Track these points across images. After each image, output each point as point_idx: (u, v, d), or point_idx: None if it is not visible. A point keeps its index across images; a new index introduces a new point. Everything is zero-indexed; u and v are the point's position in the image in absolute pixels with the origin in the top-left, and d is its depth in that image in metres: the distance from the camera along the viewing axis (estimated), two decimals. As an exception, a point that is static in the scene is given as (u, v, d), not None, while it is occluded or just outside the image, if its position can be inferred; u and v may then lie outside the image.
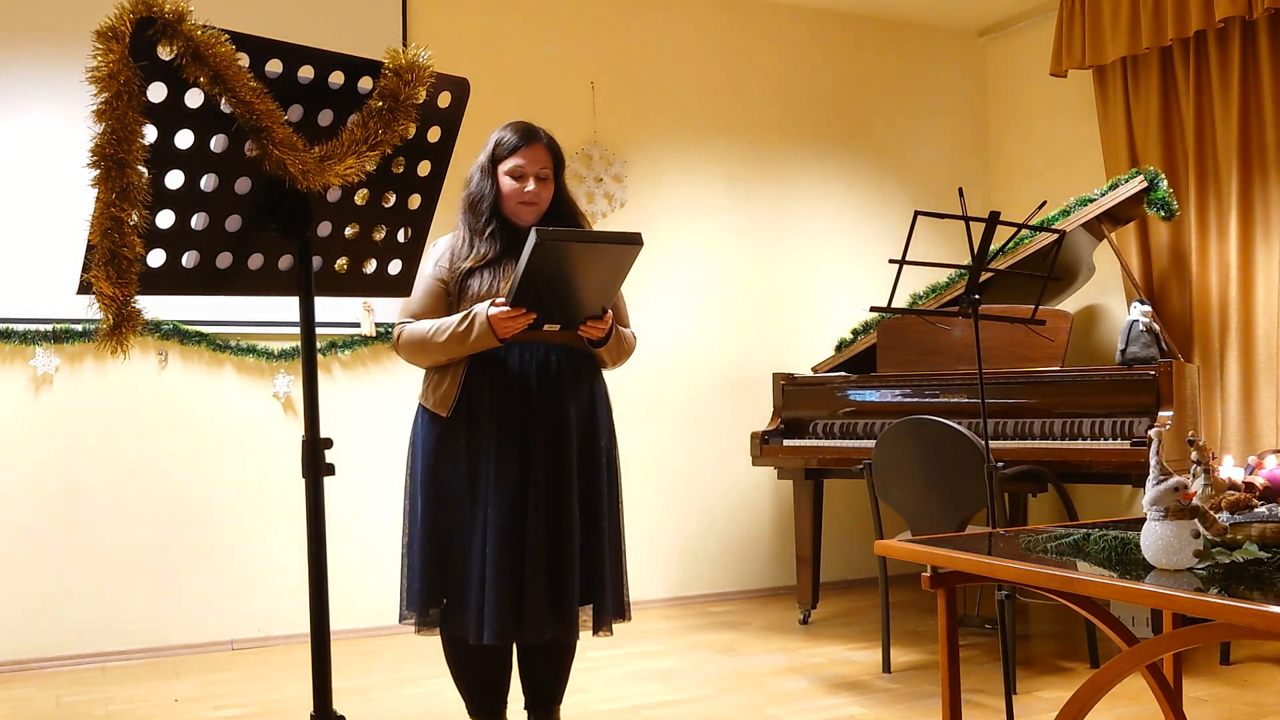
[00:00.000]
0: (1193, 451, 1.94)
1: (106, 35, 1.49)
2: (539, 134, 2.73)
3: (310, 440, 1.74)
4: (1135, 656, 1.88)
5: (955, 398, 4.06)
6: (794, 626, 4.50)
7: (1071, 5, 5.06)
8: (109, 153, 1.51)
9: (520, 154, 2.68)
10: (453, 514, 2.64)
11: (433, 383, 2.71)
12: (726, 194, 5.32)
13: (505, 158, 2.70)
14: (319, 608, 1.74)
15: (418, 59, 1.77)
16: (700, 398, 5.19)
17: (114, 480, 4.19)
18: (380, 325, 4.56)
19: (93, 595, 4.13)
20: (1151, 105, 4.89)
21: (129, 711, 3.46)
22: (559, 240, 2.43)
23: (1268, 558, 1.76)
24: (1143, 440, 3.57)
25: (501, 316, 2.53)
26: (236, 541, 4.34)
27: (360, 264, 1.90)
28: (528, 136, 2.71)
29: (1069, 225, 4.16)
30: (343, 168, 1.70)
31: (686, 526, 5.13)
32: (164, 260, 1.66)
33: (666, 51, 5.22)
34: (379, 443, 4.49)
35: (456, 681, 2.79)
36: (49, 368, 4.10)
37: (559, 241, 2.43)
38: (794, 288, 5.44)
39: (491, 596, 2.55)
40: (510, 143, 2.70)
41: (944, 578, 2.06)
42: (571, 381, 2.70)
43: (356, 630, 4.42)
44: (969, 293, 3.07)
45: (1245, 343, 4.53)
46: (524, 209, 2.70)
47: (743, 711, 3.31)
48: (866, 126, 5.68)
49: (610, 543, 2.72)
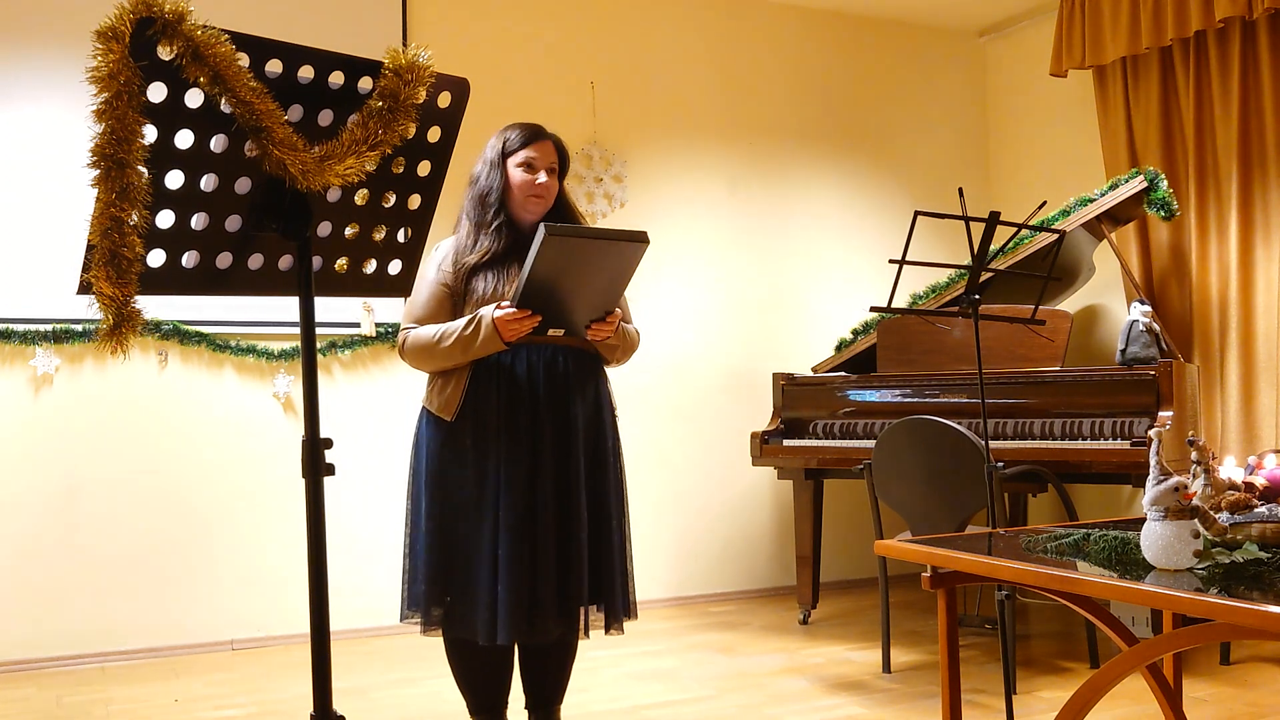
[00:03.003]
0: (1193, 451, 1.94)
1: (106, 35, 1.49)
2: (547, 132, 2.78)
3: (310, 440, 1.74)
4: (1135, 656, 1.88)
5: (955, 398, 4.06)
6: (794, 626, 4.50)
7: (1071, 5, 5.06)
8: (109, 153, 1.51)
9: (532, 147, 2.72)
10: (458, 516, 2.64)
11: (436, 386, 2.71)
12: (726, 194, 5.32)
13: (516, 150, 2.72)
14: (319, 608, 1.74)
15: (418, 59, 1.77)
16: (700, 398, 5.19)
17: (114, 480, 4.19)
18: (380, 325, 4.56)
19: (93, 595, 4.13)
20: (1151, 105, 4.89)
21: (129, 711, 3.46)
22: (567, 235, 2.44)
23: (1268, 558, 1.76)
24: (1143, 440, 3.57)
25: (507, 319, 2.54)
26: (236, 541, 4.34)
27: (360, 264, 1.90)
28: (538, 133, 2.75)
29: (1069, 225, 4.16)
30: (343, 168, 1.70)
31: (686, 526, 5.13)
32: (164, 260, 1.66)
33: (666, 51, 5.22)
34: (379, 443, 4.49)
35: (458, 681, 2.79)
36: (49, 368, 4.10)
37: (567, 237, 2.44)
38: (794, 288, 5.44)
39: (504, 597, 2.55)
40: (521, 137, 2.74)
41: (944, 578, 2.06)
42: (578, 382, 2.71)
43: (356, 630, 4.42)
44: (969, 293, 3.07)
45: (1245, 343, 4.53)
46: (533, 202, 2.71)
47: (743, 711, 3.31)
48: (866, 126, 5.68)
49: (618, 541, 2.73)
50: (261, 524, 4.37)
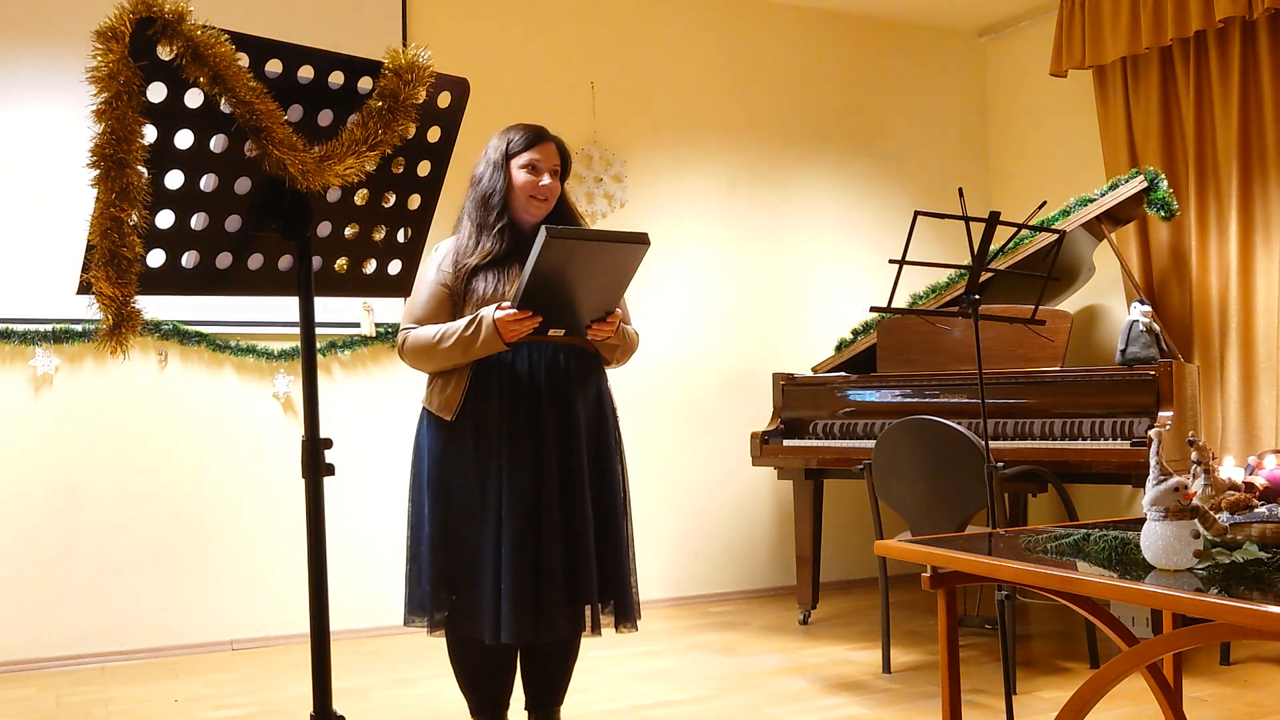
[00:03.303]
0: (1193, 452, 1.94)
1: (106, 35, 1.49)
2: (550, 134, 2.78)
3: (310, 440, 1.74)
4: (1135, 656, 1.88)
5: (955, 398, 4.06)
6: (794, 626, 4.50)
7: (1071, 5, 5.06)
8: (109, 153, 1.51)
9: (535, 149, 2.72)
10: (462, 516, 2.63)
11: (436, 386, 2.71)
12: (727, 194, 5.32)
13: (520, 152, 2.72)
14: (319, 608, 1.74)
15: (418, 59, 1.77)
16: (700, 398, 5.19)
17: (114, 480, 4.19)
18: (380, 325, 4.56)
19: (93, 595, 4.13)
20: (1151, 105, 4.89)
21: (129, 711, 3.46)
22: (568, 238, 2.44)
23: (1268, 558, 1.76)
24: (1143, 440, 3.57)
25: (508, 320, 2.54)
26: (236, 541, 4.34)
27: (360, 264, 1.91)
28: (541, 135, 2.76)
29: (1069, 225, 4.16)
30: (342, 168, 1.70)
31: (686, 526, 5.13)
32: (164, 260, 1.66)
33: (666, 51, 5.22)
34: (379, 443, 4.49)
35: (460, 682, 2.79)
36: (49, 368, 4.10)
37: (568, 239, 2.44)
38: (794, 288, 5.44)
39: (510, 596, 2.55)
40: (524, 139, 2.73)
41: (944, 578, 2.06)
42: (580, 380, 2.71)
43: (356, 630, 4.42)
44: (969, 293, 3.07)
45: (1245, 343, 4.53)
46: (535, 204, 2.72)
47: (743, 711, 3.31)
48: (866, 126, 5.68)
49: (624, 539, 2.74)
50: (261, 524, 4.37)
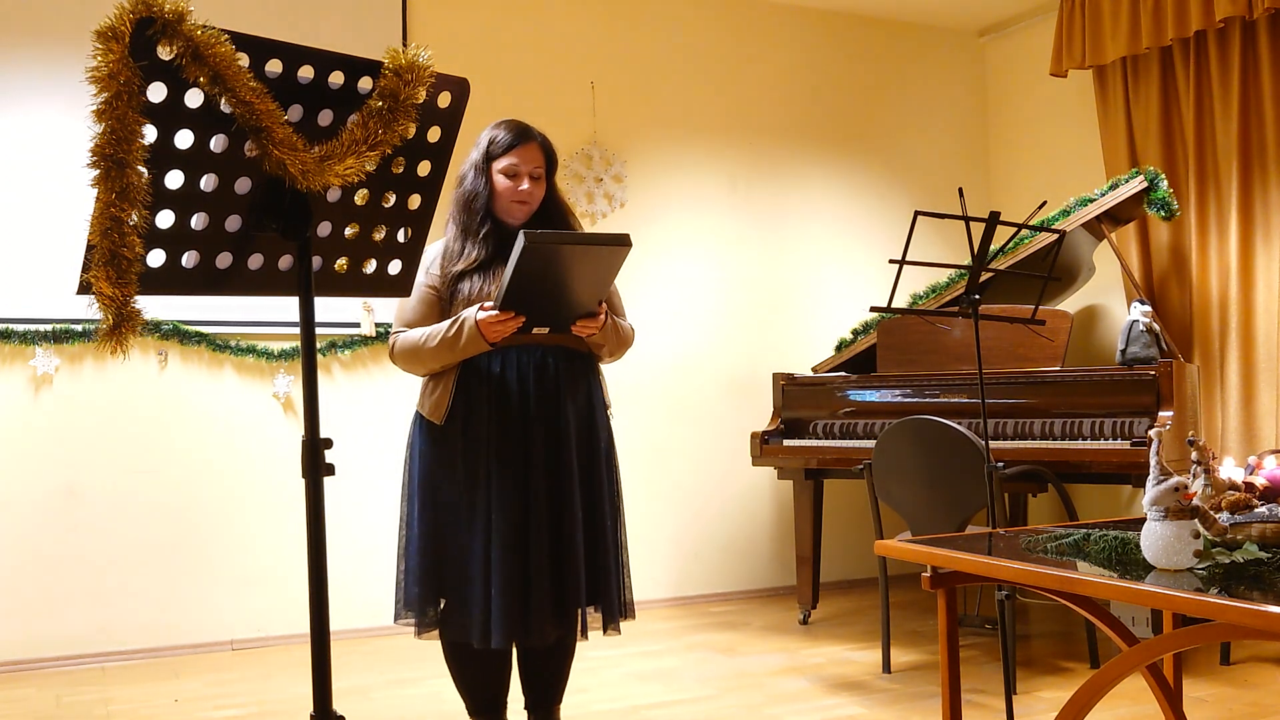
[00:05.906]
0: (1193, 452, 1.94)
1: (106, 35, 1.49)
2: (533, 133, 2.73)
3: (310, 440, 1.74)
4: (1135, 656, 1.88)
5: (955, 398, 4.06)
6: (794, 626, 4.50)
7: (1071, 5, 5.06)
8: (109, 153, 1.51)
9: (515, 153, 2.68)
10: (450, 519, 2.64)
11: (427, 389, 2.72)
12: (727, 194, 5.32)
13: (500, 156, 2.69)
14: (319, 608, 1.74)
15: (418, 59, 1.77)
16: (700, 398, 5.19)
17: (114, 480, 4.19)
18: (380, 325, 4.56)
19: (92, 595, 4.13)
20: (1151, 105, 4.89)
21: (129, 711, 3.46)
22: (547, 243, 2.43)
23: (1268, 558, 1.76)
24: (1143, 440, 3.57)
25: (490, 320, 2.53)
26: (236, 541, 4.34)
27: (360, 264, 1.91)
28: (522, 135, 2.70)
29: (1069, 225, 4.16)
30: (343, 168, 1.70)
31: (686, 526, 5.13)
32: (164, 260, 1.66)
33: (666, 51, 5.22)
34: (379, 443, 4.49)
35: (457, 683, 2.79)
36: (49, 368, 4.10)
37: (547, 244, 2.43)
38: (794, 288, 5.44)
39: (498, 600, 2.55)
40: (505, 141, 2.69)
41: (944, 578, 2.06)
42: (569, 383, 2.70)
43: (356, 630, 4.42)
44: (969, 293, 3.07)
45: (1245, 343, 4.53)
46: (516, 207, 2.70)
47: (743, 711, 3.31)
48: (866, 126, 5.68)
49: (613, 542, 2.73)
50: (261, 524, 4.37)
